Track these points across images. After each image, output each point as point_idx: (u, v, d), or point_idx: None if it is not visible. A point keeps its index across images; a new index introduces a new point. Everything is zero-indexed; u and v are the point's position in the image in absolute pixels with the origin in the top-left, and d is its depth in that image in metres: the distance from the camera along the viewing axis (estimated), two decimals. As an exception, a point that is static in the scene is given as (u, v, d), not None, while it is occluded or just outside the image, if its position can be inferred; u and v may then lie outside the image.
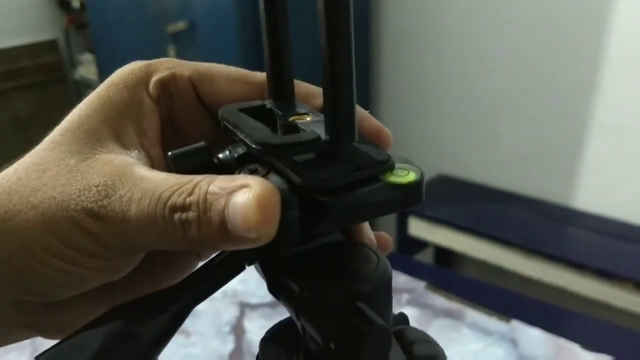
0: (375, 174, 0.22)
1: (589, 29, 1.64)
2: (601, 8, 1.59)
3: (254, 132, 0.22)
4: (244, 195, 0.20)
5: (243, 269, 0.24)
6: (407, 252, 1.91)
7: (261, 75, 0.28)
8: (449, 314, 0.91)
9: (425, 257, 2.01)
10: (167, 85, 0.27)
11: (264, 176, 0.22)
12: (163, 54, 1.92)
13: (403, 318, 0.26)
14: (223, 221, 0.20)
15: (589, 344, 0.85)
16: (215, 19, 1.78)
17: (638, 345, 0.94)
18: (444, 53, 1.97)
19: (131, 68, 0.28)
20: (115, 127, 0.26)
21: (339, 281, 0.22)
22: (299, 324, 0.23)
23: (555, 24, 1.70)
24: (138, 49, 2.05)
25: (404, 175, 0.22)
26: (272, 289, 0.24)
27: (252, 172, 0.23)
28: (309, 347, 0.23)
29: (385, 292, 0.22)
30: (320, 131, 0.21)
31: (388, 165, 0.22)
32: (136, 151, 0.26)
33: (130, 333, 0.21)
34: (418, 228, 1.84)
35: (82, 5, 2.43)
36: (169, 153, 0.24)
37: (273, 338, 0.26)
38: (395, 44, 2.11)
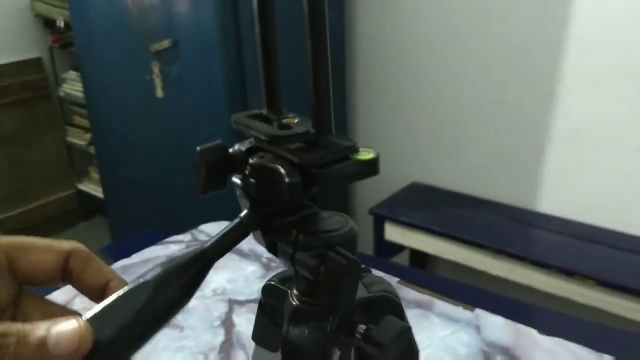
0: (346, 154, 0.31)
1: (548, 48, 1.74)
2: (558, 30, 1.70)
3: (263, 128, 0.31)
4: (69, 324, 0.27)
5: (248, 234, 0.33)
6: (384, 255, 1.98)
7: (66, 244, 0.35)
8: (419, 305, 1.00)
9: (401, 260, 2.08)
10: None
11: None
12: (147, 71, 1.97)
13: (367, 269, 0.35)
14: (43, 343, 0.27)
15: (545, 330, 0.95)
16: (198, 37, 1.82)
17: (584, 330, 1.04)
18: (416, 69, 2.06)
19: None
20: None
21: (322, 233, 0.31)
22: (292, 269, 0.32)
23: (518, 44, 1.80)
24: (123, 67, 2.09)
25: (366, 155, 0.32)
26: (270, 249, 0.33)
27: (261, 157, 0.32)
28: (299, 285, 0.33)
29: (353, 241, 0.32)
30: (307, 127, 0.31)
31: (354, 149, 0.31)
32: None
33: (170, 283, 0.30)
34: (393, 233, 1.91)
35: (67, 25, 2.47)
36: (197, 148, 0.33)
37: (272, 285, 0.35)
38: (369, 59, 2.18)
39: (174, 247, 1.23)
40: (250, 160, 0.32)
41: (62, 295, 1.06)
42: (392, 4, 2.05)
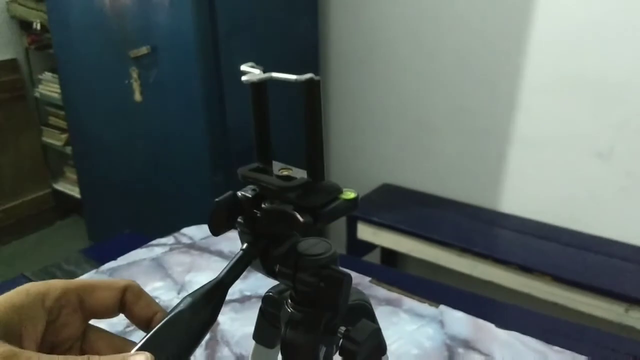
0: (335, 196, 0.39)
1: (509, 58, 1.83)
2: (520, 40, 1.79)
3: (272, 180, 0.39)
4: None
5: (251, 262, 0.41)
6: (356, 254, 2.05)
7: (122, 282, 0.41)
8: (389, 302, 1.08)
9: (373, 258, 2.16)
10: (60, 299, 0.38)
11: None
12: (126, 75, 2.01)
13: None
14: None
15: (503, 324, 1.04)
16: (176, 43, 1.86)
17: (539, 323, 1.14)
18: (387, 76, 2.13)
19: (34, 284, 0.38)
20: (7, 324, 0.35)
21: (317, 256, 0.40)
22: (289, 285, 0.40)
23: (482, 53, 1.89)
24: (101, 71, 2.12)
25: (349, 195, 0.40)
26: (269, 273, 0.41)
27: (272, 203, 0.40)
28: (295, 296, 0.41)
29: (338, 260, 0.40)
30: (303, 176, 0.39)
31: (340, 190, 0.40)
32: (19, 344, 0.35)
33: (200, 308, 0.37)
34: (365, 232, 1.99)
35: (43, 27, 2.49)
36: (215, 200, 0.41)
37: (271, 295, 0.44)
38: (341, 66, 2.25)
39: (158, 249, 1.29)
40: (263, 206, 0.40)
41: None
42: (364, 14, 2.12)
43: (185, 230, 1.38)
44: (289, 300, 0.42)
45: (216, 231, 0.40)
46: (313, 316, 0.41)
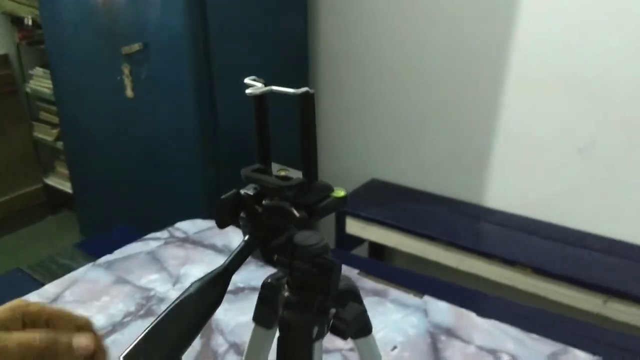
0: (328, 194, 0.45)
1: (495, 56, 1.88)
2: (505, 39, 1.84)
3: (271, 180, 0.44)
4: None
5: (252, 252, 0.45)
6: (345, 247, 2.09)
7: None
8: (376, 293, 1.13)
9: (361, 252, 2.21)
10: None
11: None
12: (118, 71, 2.04)
13: None
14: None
15: (484, 314, 1.09)
16: (168, 40, 1.88)
17: (519, 313, 1.19)
18: (375, 74, 2.17)
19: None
20: None
21: (311, 247, 0.44)
22: (286, 272, 0.45)
23: (468, 52, 1.94)
24: (93, 67, 2.15)
25: (340, 193, 0.45)
26: (268, 261, 0.46)
27: (271, 200, 0.44)
28: (291, 282, 0.46)
29: (329, 250, 0.45)
30: (299, 176, 0.44)
31: (331, 189, 0.45)
32: None
33: (208, 291, 0.41)
34: (354, 227, 2.03)
35: (34, 23, 2.51)
36: (221, 197, 0.45)
37: (269, 282, 0.49)
38: (331, 62, 2.29)
39: (153, 243, 1.34)
40: (263, 202, 0.45)
41: (53, 288, 1.16)
42: (352, 12, 2.16)
43: (179, 224, 1.42)
44: (286, 286, 0.48)
45: (222, 224, 0.45)
46: (307, 299, 0.46)
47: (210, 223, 1.43)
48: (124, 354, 0.38)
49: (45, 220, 3.01)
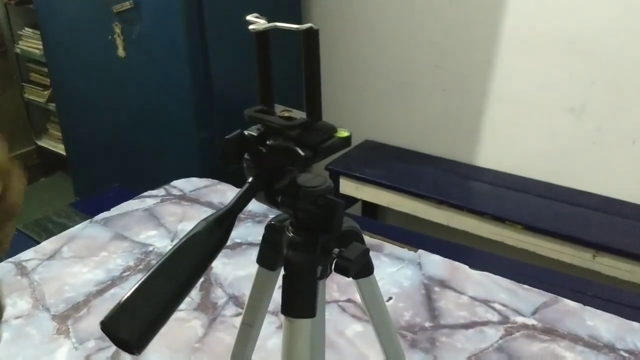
0: (332, 134, 0.45)
1: (486, 17, 1.87)
2: (496, 1, 1.84)
3: (274, 120, 0.44)
4: None
5: (255, 194, 0.46)
6: (339, 207, 2.12)
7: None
8: (371, 248, 1.14)
9: (355, 211, 2.23)
10: None
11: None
12: (109, 31, 2.01)
13: None
14: None
15: (475, 267, 1.12)
16: None
17: (511, 267, 1.22)
18: (368, 35, 2.16)
19: None
20: None
21: (315, 187, 0.45)
22: (290, 213, 0.46)
23: (459, 13, 1.93)
24: (84, 26, 2.12)
25: (344, 133, 0.46)
26: (272, 203, 0.47)
27: (275, 140, 0.45)
28: (295, 223, 0.47)
29: (333, 191, 0.46)
30: (303, 116, 0.44)
31: (335, 129, 0.46)
32: None
33: (214, 229, 0.42)
34: (347, 186, 2.05)
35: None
36: (225, 137, 0.46)
37: (273, 223, 0.50)
38: (324, 26, 2.25)
39: (150, 200, 1.35)
40: (268, 142, 0.45)
41: (50, 245, 1.17)
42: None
43: (175, 182, 1.43)
44: (290, 227, 0.49)
45: (226, 163, 0.45)
46: (311, 239, 0.47)
47: (207, 181, 1.44)
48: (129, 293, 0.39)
49: (38, 182, 3.00)
